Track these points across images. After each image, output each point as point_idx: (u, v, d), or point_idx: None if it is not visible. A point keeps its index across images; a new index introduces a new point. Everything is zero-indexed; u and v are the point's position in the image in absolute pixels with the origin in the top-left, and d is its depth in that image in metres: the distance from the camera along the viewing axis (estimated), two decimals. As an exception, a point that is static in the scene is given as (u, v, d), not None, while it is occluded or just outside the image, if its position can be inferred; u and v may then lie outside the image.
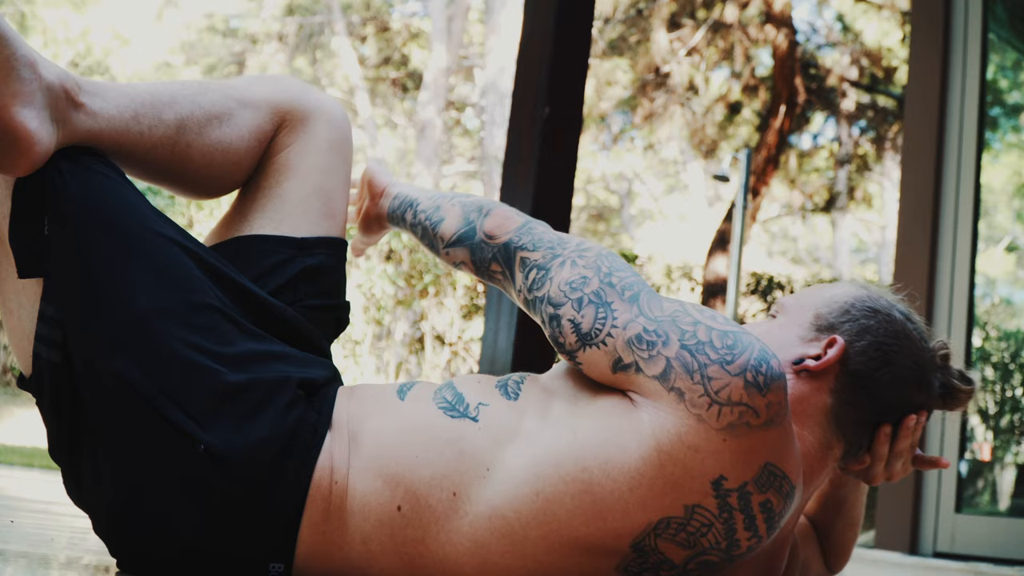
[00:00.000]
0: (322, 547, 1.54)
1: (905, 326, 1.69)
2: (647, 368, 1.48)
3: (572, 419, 1.51)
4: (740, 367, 1.44)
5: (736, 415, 1.43)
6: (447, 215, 1.78)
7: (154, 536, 1.53)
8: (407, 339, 11.87)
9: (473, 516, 1.51)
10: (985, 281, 8.84)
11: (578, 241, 1.64)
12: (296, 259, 1.77)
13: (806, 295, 1.75)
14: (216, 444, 1.48)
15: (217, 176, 1.79)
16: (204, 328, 1.55)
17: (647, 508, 1.45)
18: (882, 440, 1.68)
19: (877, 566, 4.94)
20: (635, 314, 1.51)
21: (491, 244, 1.69)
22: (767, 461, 1.46)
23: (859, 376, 1.64)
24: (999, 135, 8.82)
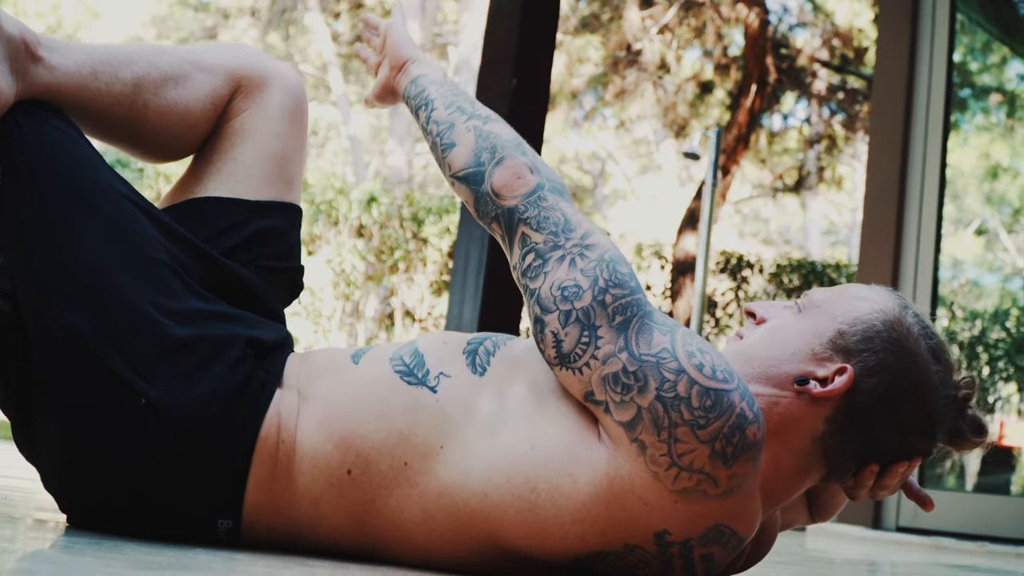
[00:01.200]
0: (270, 504, 1.55)
1: (927, 371, 1.56)
2: (616, 413, 1.43)
3: (533, 423, 1.48)
4: (712, 434, 1.39)
5: (694, 482, 1.40)
6: (459, 141, 1.64)
7: (102, 490, 1.54)
8: (377, 315, 11.87)
9: (423, 488, 1.51)
10: (953, 263, 8.89)
11: (584, 231, 1.54)
12: (249, 221, 1.77)
13: (837, 301, 1.62)
14: (159, 398, 1.49)
15: (173, 138, 1.80)
16: (154, 282, 1.55)
17: (586, 540, 1.45)
18: (867, 476, 1.59)
19: (840, 540, 4.99)
20: (619, 348, 1.44)
21: (496, 203, 1.58)
22: (717, 523, 1.44)
23: (860, 413, 1.53)
24: (969, 117, 8.87)
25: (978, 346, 8.49)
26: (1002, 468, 7.76)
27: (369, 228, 11.65)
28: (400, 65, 1.88)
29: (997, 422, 8.46)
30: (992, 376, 8.44)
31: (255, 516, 1.56)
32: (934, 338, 1.59)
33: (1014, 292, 9.54)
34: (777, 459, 1.51)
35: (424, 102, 1.76)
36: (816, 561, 3.24)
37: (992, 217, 13.00)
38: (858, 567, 3.30)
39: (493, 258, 4.01)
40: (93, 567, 1.21)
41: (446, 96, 1.73)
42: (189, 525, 1.55)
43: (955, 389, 1.61)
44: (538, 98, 4.20)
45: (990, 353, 8.52)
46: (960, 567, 3.77)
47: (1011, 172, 11.46)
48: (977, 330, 8.56)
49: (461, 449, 1.50)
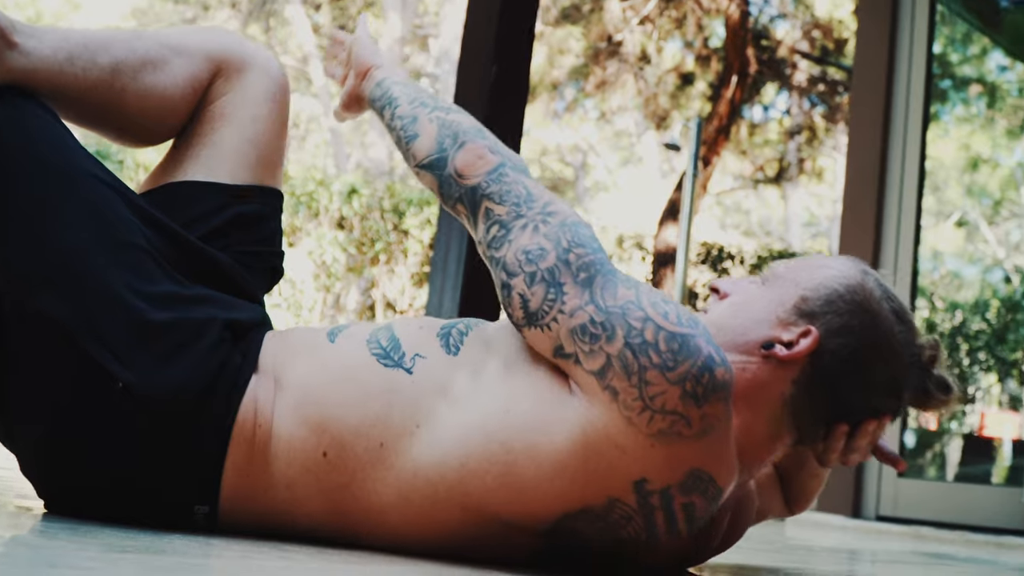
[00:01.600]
0: (247, 490, 1.55)
1: (890, 331, 1.61)
2: (586, 362, 1.45)
3: (506, 390, 1.49)
4: (681, 375, 1.41)
5: (667, 423, 1.41)
6: (422, 132, 1.69)
7: (78, 475, 1.54)
8: (358, 306, 11.85)
9: (399, 470, 1.51)
10: (934, 254, 8.93)
11: (545, 200, 1.57)
12: (229, 206, 1.77)
13: (800, 270, 1.66)
14: (136, 382, 1.48)
15: (151, 122, 1.79)
16: (130, 266, 1.55)
17: (567, 496, 1.45)
18: (837, 436, 1.62)
19: (820, 528, 5.00)
20: (585, 301, 1.47)
21: (460, 183, 1.61)
22: (694, 467, 1.44)
23: (826, 374, 1.57)
24: (949, 108, 8.89)
25: (958, 337, 8.53)
26: (983, 459, 7.80)
27: (350, 220, 11.64)
28: (364, 72, 1.92)
29: (978, 413, 8.51)
30: (972, 367, 8.48)
31: (232, 502, 1.55)
32: (895, 300, 1.64)
33: (994, 283, 9.59)
34: (748, 424, 1.54)
35: (388, 100, 1.80)
36: (796, 549, 3.25)
37: (973, 209, 13.06)
38: (838, 555, 3.31)
39: (472, 249, 4.01)
40: (67, 551, 1.21)
41: (409, 94, 1.77)
42: (166, 511, 1.55)
43: (919, 350, 1.64)
44: (518, 87, 4.20)
45: (970, 344, 8.55)
46: (939, 556, 3.78)
47: (991, 163, 11.50)
48: (957, 321, 8.60)
49: (436, 427, 1.50)
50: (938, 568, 3.09)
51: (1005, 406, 8.55)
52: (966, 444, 8.13)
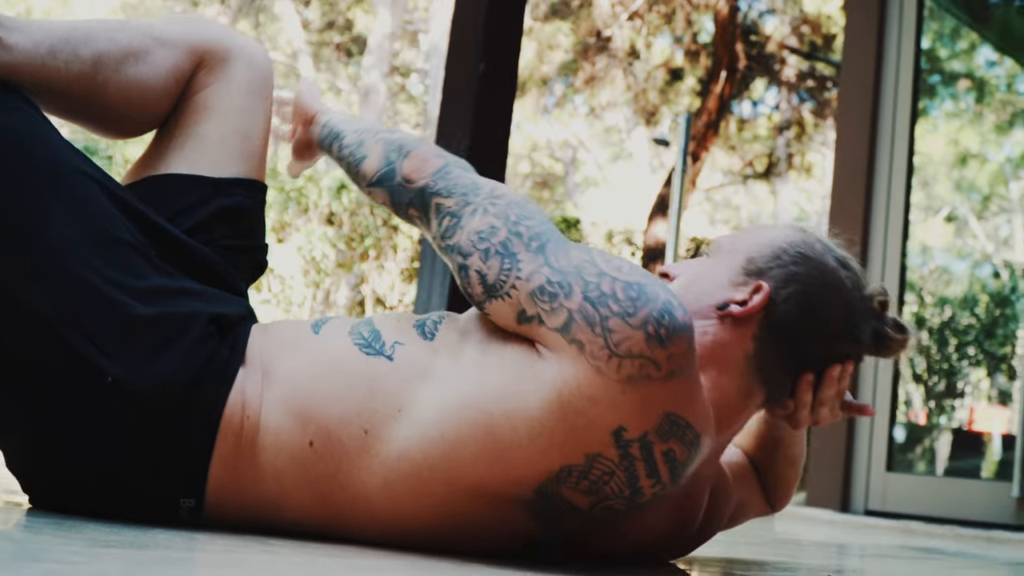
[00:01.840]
0: (234, 483, 1.55)
1: (837, 274, 1.69)
2: (549, 320, 1.47)
3: (481, 364, 1.51)
4: (642, 320, 1.44)
5: (636, 367, 1.43)
6: (369, 152, 1.75)
7: (64, 470, 1.53)
8: (348, 302, 11.84)
9: (384, 455, 1.52)
10: (923, 249, 8.94)
11: (491, 187, 1.63)
12: (213, 199, 1.76)
13: (741, 237, 1.75)
14: (123, 376, 1.48)
15: (134, 114, 1.79)
16: (116, 261, 1.54)
17: (548, 456, 1.46)
18: (804, 388, 1.68)
19: (809, 523, 5.01)
20: (539, 264, 1.50)
21: (409, 188, 1.67)
22: (668, 411, 1.46)
23: (782, 324, 1.64)
24: (938, 103, 8.90)
25: (947, 332, 8.54)
26: (972, 453, 7.82)
27: (339, 215, 11.62)
28: (311, 119, 1.98)
29: (967, 408, 8.52)
30: (961, 362, 8.49)
31: (218, 495, 1.55)
32: (837, 251, 1.73)
33: (983, 278, 9.61)
34: (717, 383, 1.60)
35: (335, 136, 1.86)
36: (785, 543, 3.25)
37: (962, 204, 13.08)
38: (827, 549, 3.32)
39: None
40: (52, 545, 1.21)
41: (354, 125, 1.85)
42: (151, 505, 1.55)
43: (870, 297, 1.72)
44: (507, 83, 4.20)
45: (959, 339, 8.56)
46: (928, 550, 3.79)
47: (980, 158, 11.52)
48: (947, 316, 8.61)
49: (417, 408, 1.51)
50: (927, 562, 3.09)
51: (994, 401, 8.57)
52: (955, 439, 8.15)
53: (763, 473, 2.02)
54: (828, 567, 2.41)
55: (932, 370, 8.12)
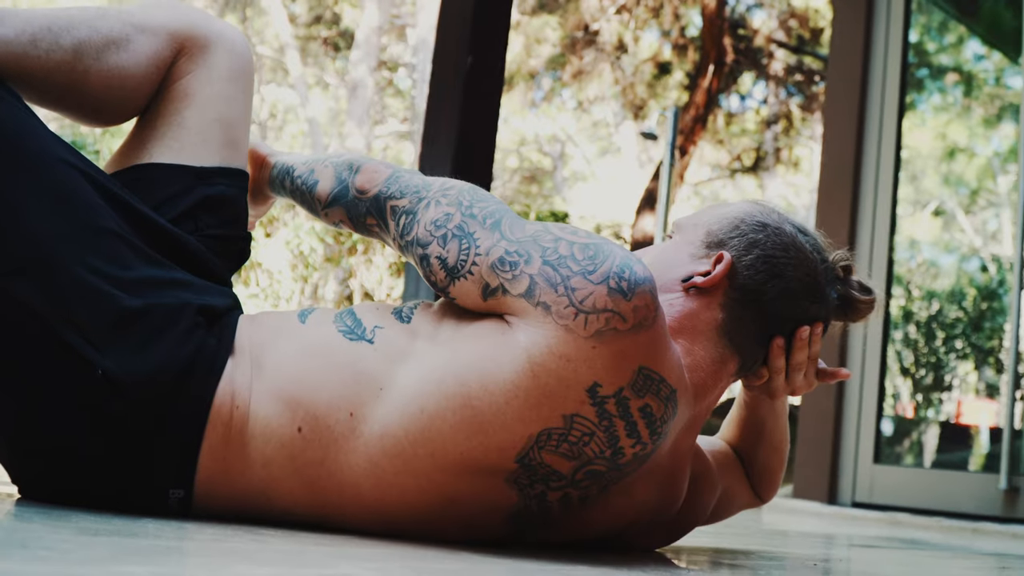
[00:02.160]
0: (223, 473, 1.55)
1: (796, 239, 1.74)
2: (512, 288, 1.51)
3: (455, 341, 1.54)
4: (602, 275, 1.48)
5: (603, 322, 1.46)
6: (321, 177, 1.82)
7: (53, 461, 1.54)
8: (336, 296, 11.85)
9: (368, 436, 1.53)
10: (911, 243, 8.95)
11: (442, 182, 1.68)
12: (195, 188, 1.77)
13: (700, 214, 1.80)
14: (114, 369, 1.49)
15: (115, 102, 1.79)
16: (103, 253, 1.54)
17: (526, 420, 1.48)
18: (776, 353, 1.74)
19: (796, 515, 5.02)
20: (496, 239, 1.55)
21: (363, 199, 1.73)
22: (641, 365, 1.49)
23: (747, 290, 1.69)
24: (926, 97, 8.91)
25: (935, 325, 8.55)
26: (960, 446, 7.84)
27: (327, 210, 11.60)
28: (261, 161, 2.01)
29: (955, 401, 8.54)
30: (949, 355, 8.51)
31: (208, 485, 1.56)
32: (794, 220, 1.80)
33: (971, 272, 9.62)
34: (690, 352, 1.65)
35: (286, 171, 1.92)
36: (773, 535, 3.27)
37: (950, 198, 13.09)
38: (814, 539, 3.33)
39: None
40: (41, 533, 1.21)
41: (302, 158, 1.91)
42: (140, 495, 1.55)
43: (832, 262, 1.80)
44: (494, 77, 4.20)
45: (947, 332, 8.58)
46: (915, 541, 3.80)
47: (968, 153, 11.53)
48: (934, 310, 8.63)
49: (396, 387, 1.53)
50: (913, 553, 3.11)
51: (982, 394, 8.59)
52: (943, 432, 8.17)
53: (748, 463, 2.04)
54: (815, 557, 2.42)
55: (919, 363, 8.14)
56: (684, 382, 1.58)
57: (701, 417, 1.70)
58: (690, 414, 1.65)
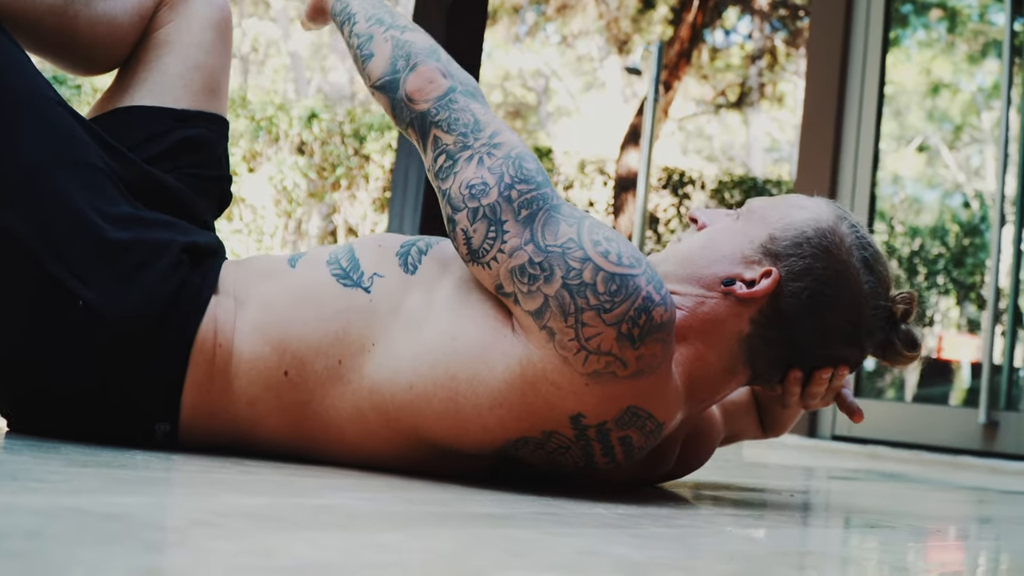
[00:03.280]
0: (208, 408, 1.57)
1: (856, 278, 1.61)
2: (524, 303, 1.46)
3: (455, 317, 1.51)
4: (617, 317, 1.42)
5: (603, 364, 1.43)
6: (376, 51, 1.67)
7: (39, 393, 1.55)
8: (320, 232, 11.83)
9: (356, 385, 1.54)
10: (894, 179, 8.97)
11: (493, 130, 1.56)
12: (175, 130, 1.79)
13: (774, 208, 1.67)
14: (96, 301, 1.49)
15: (101, 50, 1.83)
16: (89, 185, 1.55)
17: (505, 427, 1.49)
18: (792, 382, 1.65)
19: (776, 448, 5.07)
20: (525, 240, 1.47)
21: (410, 107, 1.61)
22: (631, 405, 1.47)
23: (783, 316, 1.58)
24: (910, 33, 8.89)
25: (917, 260, 8.60)
26: (941, 381, 7.91)
27: (310, 145, 11.58)
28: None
29: (936, 336, 8.60)
30: (931, 290, 8.56)
31: (193, 419, 1.57)
32: (869, 249, 1.63)
33: (953, 208, 9.65)
34: (702, 356, 1.57)
35: (347, 16, 1.76)
36: (753, 467, 3.30)
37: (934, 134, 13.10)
38: (793, 472, 3.37)
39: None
40: (31, 465, 1.23)
41: (367, 9, 1.74)
42: (127, 428, 1.57)
43: (890, 302, 1.65)
44: (477, 10, 4.18)
45: (928, 268, 8.63)
46: (894, 475, 3.84)
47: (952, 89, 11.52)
48: (916, 245, 8.67)
49: (390, 346, 1.53)
50: (892, 486, 3.14)
51: (963, 329, 8.65)
52: (924, 367, 8.23)
53: (764, 408, 2.03)
54: (794, 488, 2.45)
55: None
56: (674, 411, 1.54)
57: (696, 415, 1.68)
58: (684, 415, 1.62)
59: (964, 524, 2.05)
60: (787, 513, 1.75)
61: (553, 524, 1.21)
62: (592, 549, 1.05)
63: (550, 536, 1.10)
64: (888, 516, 1.89)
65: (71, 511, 0.91)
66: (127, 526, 0.87)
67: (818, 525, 1.62)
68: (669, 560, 1.05)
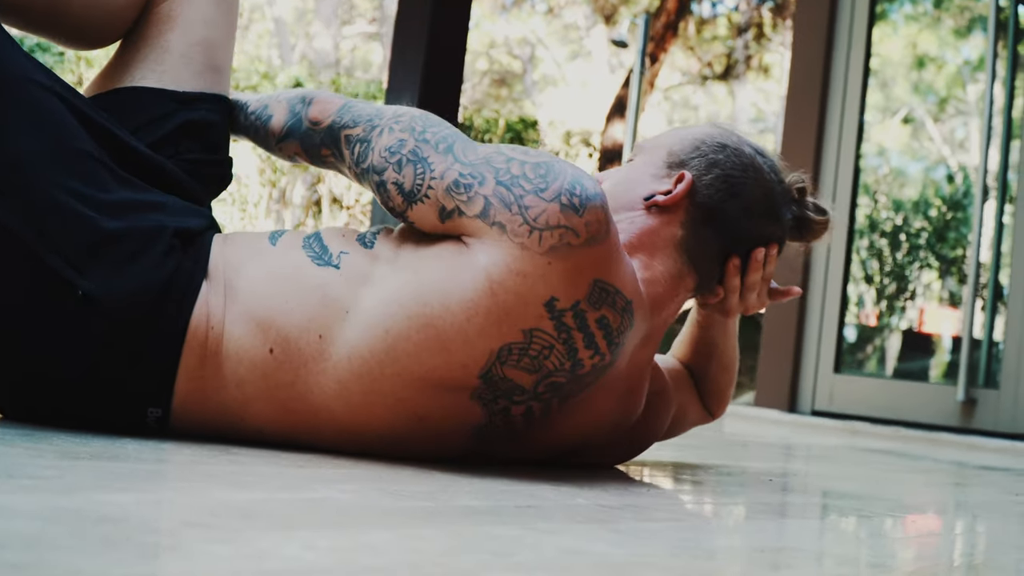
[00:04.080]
0: (199, 392, 1.59)
1: (755, 160, 1.81)
2: (468, 210, 1.55)
3: (415, 263, 1.58)
4: (554, 192, 1.53)
5: (556, 237, 1.51)
6: (274, 111, 1.86)
7: (35, 380, 1.57)
8: (304, 202, 11.82)
9: (336, 358, 1.57)
10: (879, 151, 8.98)
11: (394, 110, 1.71)
12: (177, 113, 1.79)
13: (662, 136, 1.87)
14: (93, 290, 1.51)
15: (98, 24, 1.81)
16: (81, 174, 1.56)
17: (487, 336, 1.53)
18: (732, 272, 1.81)
19: (756, 423, 5.11)
20: (450, 163, 1.59)
21: (317, 130, 1.78)
22: (595, 278, 1.54)
23: (707, 208, 1.76)
24: (897, 7, 8.90)
25: (900, 234, 8.62)
26: (922, 354, 7.95)
27: (296, 114, 11.50)
28: None
29: (918, 308, 8.63)
30: (913, 264, 8.59)
31: (184, 404, 1.60)
32: (753, 143, 1.86)
33: (937, 181, 9.67)
34: (649, 266, 1.71)
35: (240, 107, 1.95)
36: (732, 445, 3.33)
37: (919, 106, 13.11)
38: (773, 450, 3.40)
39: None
40: (24, 459, 1.25)
41: (254, 96, 1.95)
42: (120, 415, 1.59)
43: (790, 183, 1.87)
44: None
45: (911, 242, 8.66)
46: (872, 451, 3.88)
47: (937, 63, 11.54)
48: (900, 220, 8.69)
49: (361, 309, 1.58)
50: (871, 468, 3.18)
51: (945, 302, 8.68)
52: (905, 339, 8.28)
53: (699, 379, 2.10)
54: (772, 473, 2.48)
55: (884, 272, 8.21)
56: (640, 294, 1.64)
57: (658, 331, 1.75)
58: (647, 327, 1.70)
59: (942, 509, 2.08)
60: (766, 502, 1.79)
61: (536, 519, 1.24)
62: (574, 548, 1.07)
63: (534, 533, 1.13)
64: (865, 502, 1.92)
65: (67, 513, 0.94)
66: (123, 529, 0.90)
67: (795, 516, 1.65)
68: (650, 558, 1.08)
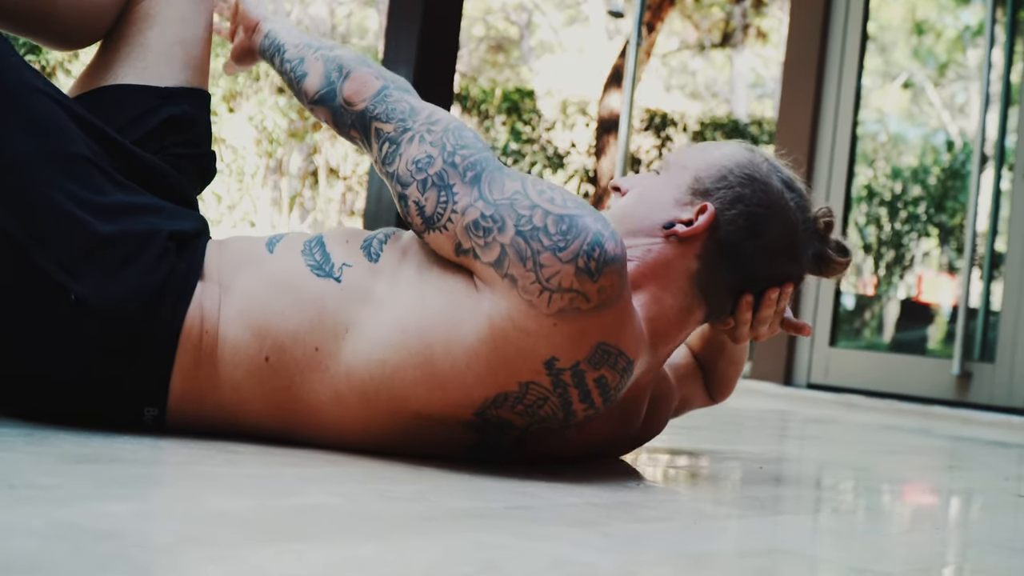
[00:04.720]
0: (195, 393, 1.61)
1: (781, 196, 1.74)
2: (483, 255, 1.53)
3: (420, 291, 1.57)
4: (572, 254, 1.49)
5: (566, 301, 1.49)
6: (310, 70, 1.80)
7: (31, 382, 1.58)
8: (300, 172, 11.81)
9: (334, 371, 1.59)
10: (879, 116, 8.98)
11: (429, 112, 1.68)
12: (160, 108, 1.82)
13: (690, 155, 1.80)
14: (87, 294, 1.53)
15: (81, 24, 1.84)
16: (77, 178, 1.58)
17: (483, 383, 1.54)
18: (744, 308, 1.76)
19: (752, 395, 5.14)
20: (474, 198, 1.56)
21: (349, 111, 1.73)
22: (600, 341, 1.52)
23: (726, 245, 1.70)
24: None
25: (899, 203, 8.63)
26: (920, 323, 7.96)
27: (292, 84, 11.48)
28: (253, 26, 1.99)
29: (915, 276, 8.65)
30: (911, 232, 8.60)
31: (180, 404, 1.62)
32: (784, 172, 1.79)
33: (937, 146, 9.66)
34: (659, 299, 1.68)
35: (277, 48, 1.89)
36: (727, 424, 3.35)
37: (919, 71, 13.08)
38: (768, 429, 3.42)
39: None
40: (24, 465, 1.26)
41: (295, 38, 1.87)
42: (117, 414, 1.61)
43: (814, 218, 1.79)
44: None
45: (909, 210, 8.67)
46: (868, 426, 3.91)
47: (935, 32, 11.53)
48: (899, 188, 8.70)
49: (362, 329, 1.58)
50: (862, 443, 3.20)
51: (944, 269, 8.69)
52: (903, 308, 8.30)
53: (707, 370, 2.12)
54: (766, 457, 2.50)
55: (882, 241, 8.23)
56: (642, 347, 1.61)
57: (661, 359, 1.75)
58: (650, 361, 1.70)
59: (931, 508, 2.10)
60: (757, 496, 1.81)
61: (526, 522, 1.26)
62: (563, 557, 1.09)
63: (522, 540, 1.15)
64: (856, 495, 1.94)
65: (67, 528, 0.96)
66: (120, 546, 0.92)
67: (786, 512, 1.67)
68: (637, 565, 1.11)
